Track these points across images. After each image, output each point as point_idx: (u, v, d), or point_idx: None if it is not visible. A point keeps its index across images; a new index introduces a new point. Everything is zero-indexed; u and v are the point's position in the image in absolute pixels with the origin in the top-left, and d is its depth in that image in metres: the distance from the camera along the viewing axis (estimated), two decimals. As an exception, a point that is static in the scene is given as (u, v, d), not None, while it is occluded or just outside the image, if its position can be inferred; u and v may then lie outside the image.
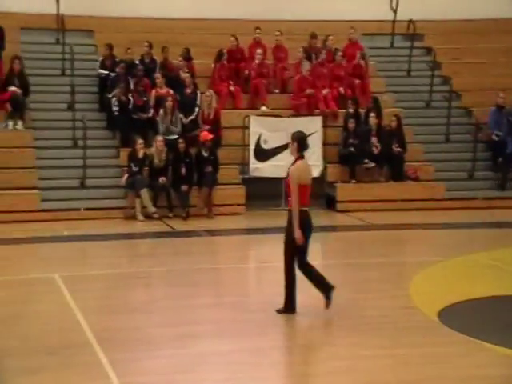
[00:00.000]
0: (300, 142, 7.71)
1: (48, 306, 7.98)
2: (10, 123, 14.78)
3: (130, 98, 15.25)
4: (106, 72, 16.01)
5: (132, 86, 15.52)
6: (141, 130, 14.97)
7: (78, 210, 14.00)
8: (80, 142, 14.84)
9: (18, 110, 14.85)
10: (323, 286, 7.67)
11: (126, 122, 15.08)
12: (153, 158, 14.36)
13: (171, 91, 15.43)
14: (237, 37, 16.78)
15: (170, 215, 13.94)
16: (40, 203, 13.64)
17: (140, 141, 14.31)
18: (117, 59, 16.21)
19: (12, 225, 12.94)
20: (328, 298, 7.63)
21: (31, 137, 14.69)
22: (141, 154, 14.25)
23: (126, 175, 14.26)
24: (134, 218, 13.80)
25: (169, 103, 14.96)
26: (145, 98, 15.38)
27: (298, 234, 7.48)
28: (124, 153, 14.72)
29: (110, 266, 10.26)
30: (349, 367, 6.22)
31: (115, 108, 15.11)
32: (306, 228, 7.59)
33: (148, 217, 13.80)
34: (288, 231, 7.58)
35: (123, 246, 12.17)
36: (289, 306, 7.63)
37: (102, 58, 16.30)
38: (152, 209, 13.87)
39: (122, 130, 15.14)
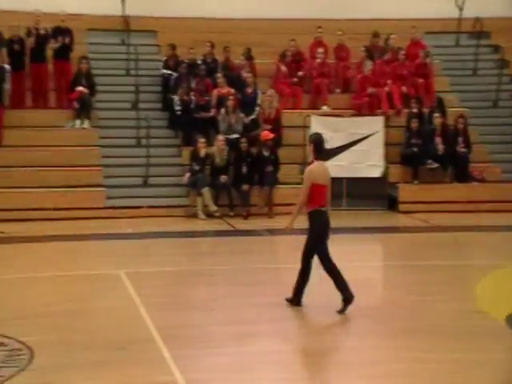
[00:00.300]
0: (316, 143, 7.89)
1: (114, 302, 8.14)
2: (78, 122, 15.15)
3: (192, 97, 15.42)
4: (169, 72, 16.23)
5: (194, 86, 15.69)
6: (202, 129, 15.14)
7: (141, 207, 14.26)
8: (143, 141, 15.10)
9: (84, 109, 15.21)
10: (345, 290, 7.74)
11: (188, 122, 15.26)
12: (214, 157, 14.50)
13: (232, 90, 15.56)
14: (295, 40, 16.78)
15: (231, 214, 14.08)
16: (105, 201, 13.95)
17: (202, 140, 14.47)
18: (179, 59, 16.43)
19: (79, 221, 13.27)
20: (344, 305, 7.65)
21: (97, 135, 15.04)
22: (202, 153, 14.40)
23: (187, 174, 14.44)
24: (195, 216, 13.98)
25: (230, 102, 15.09)
26: (207, 98, 15.54)
27: (289, 225, 7.96)
28: (186, 152, 14.91)
29: (172, 263, 10.40)
30: (409, 371, 6.16)
31: (177, 107, 15.32)
32: (324, 228, 7.81)
33: (209, 215, 13.96)
34: (309, 232, 7.85)
35: (185, 244, 12.31)
36: (295, 297, 7.89)
37: (165, 58, 16.53)
38: (213, 207, 14.01)
39: (184, 129, 15.34)
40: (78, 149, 14.68)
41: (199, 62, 16.42)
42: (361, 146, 15.14)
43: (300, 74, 16.44)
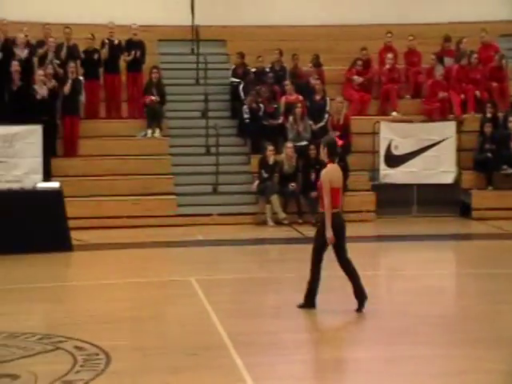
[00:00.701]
0: (329, 146, 8.05)
1: (186, 309, 8.25)
2: (149, 131, 15.45)
3: (261, 105, 15.52)
4: (238, 80, 16.38)
5: (262, 94, 15.79)
6: (271, 136, 15.21)
7: (211, 215, 14.42)
8: (213, 149, 15.28)
9: (155, 118, 15.49)
10: (360, 290, 7.94)
11: (256, 129, 15.37)
12: (283, 165, 14.55)
13: (300, 97, 15.61)
14: (366, 49, 16.68)
15: (300, 221, 14.10)
16: (176, 208, 14.17)
17: (270, 147, 14.55)
18: (248, 67, 16.57)
19: (151, 229, 13.52)
20: (360, 306, 7.87)
21: (167, 144, 15.30)
22: (271, 160, 14.48)
23: (256, 181, 14.53)
24: (264, 223, 14.08)
25: (298, 110, 15.13)
26: (275, 105, 15.61)
27: (329, 234, 7.87)
28: (255, 159, 15.01)
29: (242, 270, 10.48)
30: (483, 381, 6.04)
31: (246, 115, 15.44)
32: (339, 228, 7.94)
33: (278, 223, 14.02)
34: (319, 232, 7.99)
35: (254, 252, 12.36)
36: (308, 302, 8.05)
37: (233, 67, 16.70)
38: (282, 215, 14.06)
39: (252, 137, 15.45)
40: (149, 158, 14.96)
41: (267, 69, 16.52)
42: (432, 152, 14.93)
43: (360, 79, 16.21)
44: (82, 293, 9.26)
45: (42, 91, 14.29)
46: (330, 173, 7.97)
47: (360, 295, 8.00)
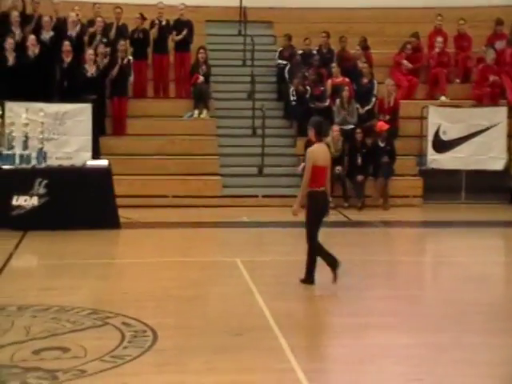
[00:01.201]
0: (316, 127, 8.39)
1: (231, 289, 8.29)
2: (196, 112, 15.50)
3: (307, 87, 15.44)
4: (285, 62, 16.32)
5: (309, 76, 15.69)
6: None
7: (257, 197, 14.43)
8: (259, 131, 15.27)
9: (202, 99, 15.52)
10: (331, 259, 8.42)
11: (302, 112, 15.29)
12: (329, 148, 14.40)
13: (347, 80, 15.53)
14: (418, 34, 16.42)
15: (346, 205, 14.04)
16: (222, 189, 14.21)
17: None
18: (295, 49, 16.48)
19: (196, 209, 13.59)
20: (335, 272, 8.36)
21: (214, 125, 15.33)
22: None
23: (302, 164, 14.40)
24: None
25: (345, 93, 15.03)
26: (322, 88, 15.52)
27: (296, 206, 8.35)
28: (300, 142, 14.91)
29: (287, 253, 10.46)
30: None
31: (293, 97, 15.38)
32: (322, 207, 8.30)
33: (323, 206, 13.99)
34: (307, 208, 8.29)
35: (299, 234, 12.00)
36: (307, 277, 8.37)
37: (280, 49, 16.65)
38: (328, 198, 14.02)
39: (298, 120, 15.39)
40: (196, 138, 15.03)
41: (314, 52, 16.41)
42: (482, 138, 14.68)
43: (409, 65, 16.00)
44: (129, 270, 9.36)
45: (91, 70, 14.43)
46: (315, 151, 8.34)
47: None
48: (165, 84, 16.04)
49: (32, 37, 14.40)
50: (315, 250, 8.46)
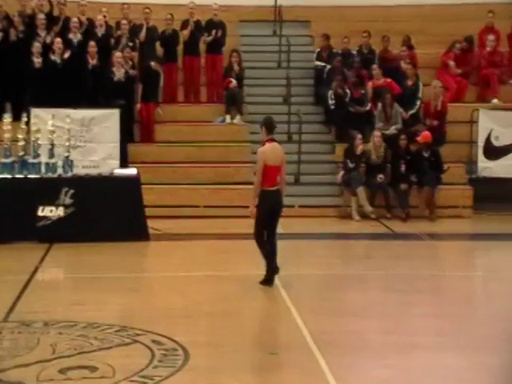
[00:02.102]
0: (266, 125, 9.08)
1: (265, 304, 8.36)
2: (228, 117, 15.56)
3: (347, 90, 15.43)
4: (323, 64, 16.31)
5: (349, 78, 15.69)
6: (357, 124, 15.07)
7: (293, 207, 14.38)
8: (295, 137, 15.25)
9: (235, 103, 15.59)
10: (270, 265, 8.98)
11: (342, 116, 15.26)
12: (370, 154, 14.42)
13: (389, 80, 15.45)
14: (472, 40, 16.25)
15: (388, 216, 13.98)
16: (255, 199, 14.16)
17: (359, 136, 14.41)
18: (333, 50, 16.47)
19: (229, 220, 13.53)
20: (269, 279, 8.96)
21: (247, 131, 15.35)
22: (359, 149, 14.35)
23: (341, 172, 14.46)
24: (349, 217, 14.02)
25: (387, 96, 14.95)
26: (362, 91, 15.48)
27: (251, 208, 9.00)
28: (340, 148, 14.92)
29: (325, 266, 10.49)
30: None
31: (331, 101, 15.37)
32: (274, 205, 8.96)
33: (364, 216, 13.93)
34: (257, 207, 8.96)
35: (338, 247, 12.33)
36: (267, 278, 8.97)
37: (318, 50, 16.62)
38: (369, 208, 13.96)
39: (338, 125, 15.37)
40: (228, 145, 15.09)
41: (354, 52, 16.39)
42: (538, 144, 14.50)
43: (458, 70, 15.84)
44: (159, 284, 9.45)
45: (119, 74, 14.60)
46: (265, 151, 8.95)
47: (271, 274, 8.99)
48: (196, 88, 16.16)
49: (58, 40, 14.63)
50: (261, 247, 9.08)
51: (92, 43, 14.67)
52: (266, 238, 9.15)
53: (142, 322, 7.49)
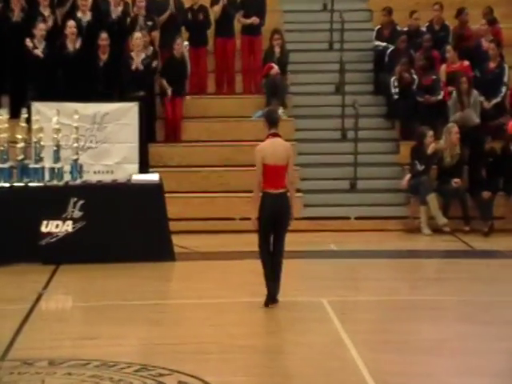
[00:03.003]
0: (266, 118, 9.42)
1: (315, 338, 8.33)
2: (266, 112, 15.59)
3: (414, 76, 15.38)
4: (384, 44, 16.31)
5: (416, 61, 15.62)
6: (428, 117, 15.05)
7: (348, 218, 14.39)
8: (350, 134, 15.27)
9: (277, 94, 15.60)
10: (269, 285, 9.26)
11: (408, 108, 15.23)
12: (443, 155, 14.33)
13: (466, 63, 15.39)
14: None
15: (466, 229, 13.91)
16: (302, 209, 14.25)
17: (430, 132, 14.34)
18: (397, 27, 16.45)
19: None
20: (267, 302, 9.23)
21: (292, 127, 15.38)
22: (430, 149, 14.27)
23: (408, 176, 14.39)
24: (417, 230, 13.98)
25: (464, 81, 14.88)
26: (433, 77, 15.42)
27: (253, 216, 9.21)
28: (405, 147, 14.88)
29: (388, 291, 10.49)
30: None
31: (395, 90, 15.35)
32: (274, 212, 9.15)
33: (436, 230, 13.88)
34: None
35: (404, 267, 12.28)
36: (267, 297, 9.25)
37: (378, 27, 16.63)
38: (442, 220, 13.89)
39: (403, 118, 15.34)
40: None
41: (423, 29, 16.33)
42: None
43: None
44: (186, 313, 9.52)
45: (137, 62, 14.68)
46: (263, 148, 9.23)
47: (269, 288, 9.27)
48: (229, 76, 16.25)
49: (71, 23, 14.57)
50: (263, 265, 9.30)
51: (103, 35, 14.60)
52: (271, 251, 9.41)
53: (166, 359, 7.53)
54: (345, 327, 8.57)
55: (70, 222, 11.60)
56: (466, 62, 15.45)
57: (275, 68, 15.64)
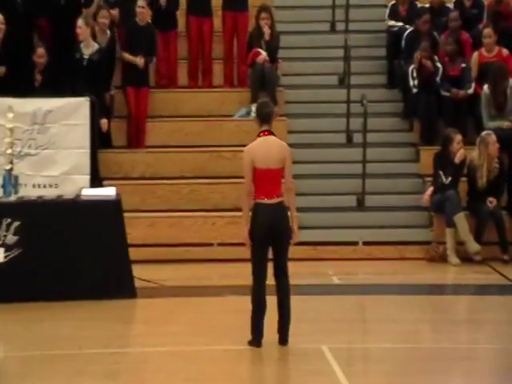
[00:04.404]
0: (257, 112, 9.55)
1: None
2: (254, 109, 15.50)
3: (438, 64, 15.42)
4: (400, 24, 16.39)
5: (441, 46, 15.68)
6: (454, 116, 15.07)
7: (355, 244, 14.36)
8: (357, 137, 15.28)
9: (265, 87, 15.57)
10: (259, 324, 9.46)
11: (430, 105, 15.24)
12: (476, 165, 14.28)
13: (505, 53, 15.41)
14: None
15: (505, 258, 13.96)
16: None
17: (458, 136, 14.29)
18: (417, 3, 16.59)
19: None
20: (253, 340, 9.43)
21: (284, 128, 15.29)
22: (458, 156, 14.24)
23: (430, 189, 14.37)
24: (442, 259, 13.99)
25: (500, 72, 14.95)
26: (462, 65, 15.46)
27: (243, 232, 9.42)
28: (427, 153, 14.93)
29: (405, 336, 10.43)
30: None
31: (413, 82, 15.40)
32: (268, 227, 9.31)
33: (466, 259, 13.92)
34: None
35: (426, 305, 12.28)
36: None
37: (392, 2, 16.72)
38: (474, 246, 13.92)
39: (423, 118, 15.34)
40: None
41: (450, 5, 16.38)
42: None
43: None
44: (150, 365, 9.41)
45: (88, 51, 14.57)
46: (252, 149, 9.36)
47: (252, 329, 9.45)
48: (206, 65, 16.26)
49: None
50: (253, 292, 9.47)
51: (40, 51, 14.48)
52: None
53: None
54: (352, 382, 8.50)
55: (1, 250, 11.54)
56: (506, 51, 15.47)
57: (263, 54, 15.65)
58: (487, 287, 12.87)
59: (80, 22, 14.56)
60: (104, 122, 14.52)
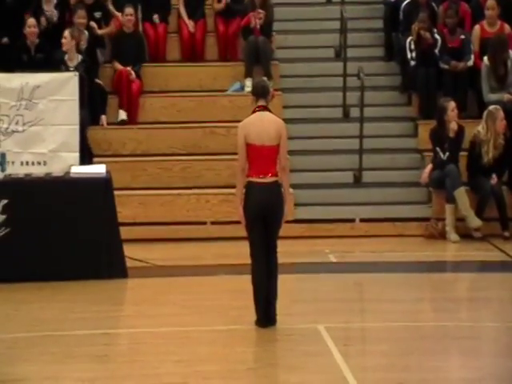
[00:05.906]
0: (253, 88, 9.70)
1: (310, 376, 8.25)
2: (248, 82, 15.47)
3: (437, 36, 15.35)
4: (397, -7, 16.30)
5: (440, 17, 15.63)
6: (453, 89, 15.03)
7: (352, 221, 14.32)
8: (354, 112, 15.26)
9: (259, 60, 15.52)
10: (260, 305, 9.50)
11: (429, 78, 15.19)
12: (482, 149, 14.20)
13: (508, 29, 15.39)
14: None
15: (506, 234, 13.94)
16: (293, 209, 14.11)
17: (451, 104, 14.18)
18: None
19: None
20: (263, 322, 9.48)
21: (279, 104, 15.20)
22: (452, 128, 14.15)
23: (429, 166, 14.33)
24: (441, 236, 13.97)
25: (500, 44, 14.90)
26: (462, 37, 15.39)
27: (238, 211, 9.46)
28: (425, 128, 14.86)
29: (405, 315, 10.42)
30: None
31: (411, 54, 15.35)
32: (259, 206, 9.34)
33: (467, 236, 13.91)
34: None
35: (425, 283, 12.30)
36: (257, 316, 9.51)
37: (390, -30, 16.64)
38: (475, 221, 13.91)
39: (422, 91, 15.29)
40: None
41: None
42: None
43: None
44: (141, 346, 9.40)
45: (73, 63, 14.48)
46: (248, 125, 9.40)
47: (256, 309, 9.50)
48: (198, 39, 16.13)
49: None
50: (253, 273, 9.51)
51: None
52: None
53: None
54: (349, 362, 8.50)
55: (-12, 229, 11.61)
56: (508, 27, 15.39)
57: (256, 25, 15.48)
58: (488, 264, 12.86)
59: (66, 33, 14.75)
60: (103, 118, 14.84)
